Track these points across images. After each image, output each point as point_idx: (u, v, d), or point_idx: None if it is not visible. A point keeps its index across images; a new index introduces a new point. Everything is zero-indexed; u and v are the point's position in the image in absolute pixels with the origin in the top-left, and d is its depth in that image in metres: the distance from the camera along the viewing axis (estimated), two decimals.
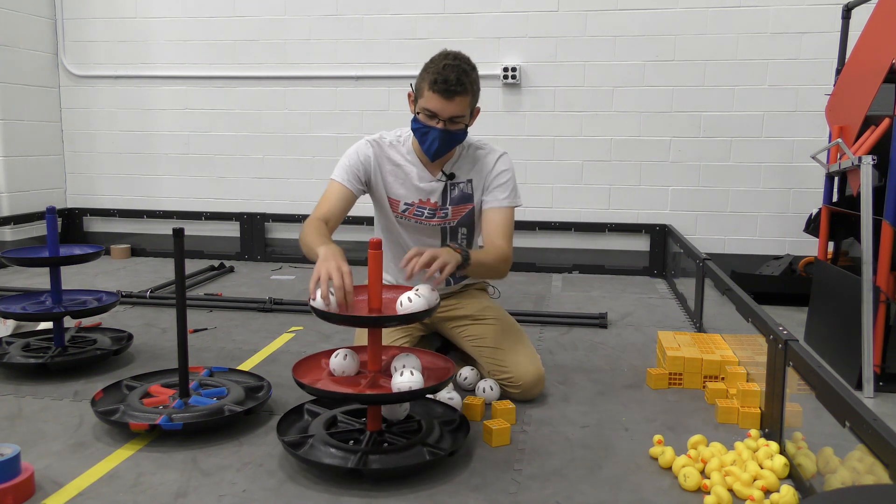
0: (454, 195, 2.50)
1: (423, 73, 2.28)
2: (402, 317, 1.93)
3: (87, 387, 2.55)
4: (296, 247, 5.16)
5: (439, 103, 2.24)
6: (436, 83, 2.22)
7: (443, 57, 2.26)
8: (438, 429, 2.05)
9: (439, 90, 2.22)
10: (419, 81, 2.31)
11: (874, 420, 1.43)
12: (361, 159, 2.46)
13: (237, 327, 3.39)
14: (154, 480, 1.89)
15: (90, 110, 5.32)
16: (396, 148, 2.49)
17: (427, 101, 2.26)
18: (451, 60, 2.24)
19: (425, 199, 2.49)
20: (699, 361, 2.60)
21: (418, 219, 2.51)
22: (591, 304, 3.95)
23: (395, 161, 2.48)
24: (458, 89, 2.23)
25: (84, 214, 5.41)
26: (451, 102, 2.24)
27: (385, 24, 4.83)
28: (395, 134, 2.53)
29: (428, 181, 2.47)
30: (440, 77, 2.21)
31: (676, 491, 1.86)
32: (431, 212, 2.50)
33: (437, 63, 2.24)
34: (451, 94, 2.22)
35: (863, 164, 2.71)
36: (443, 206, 2.50)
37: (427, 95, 2.26)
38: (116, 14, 5.17)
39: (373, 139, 2.51)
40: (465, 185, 2.50)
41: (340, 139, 5.01)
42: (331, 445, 1.93)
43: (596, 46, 4.62)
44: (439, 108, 2.25)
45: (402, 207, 2.50)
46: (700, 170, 4.62)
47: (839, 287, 3.01)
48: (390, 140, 2.51)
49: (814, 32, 4.37)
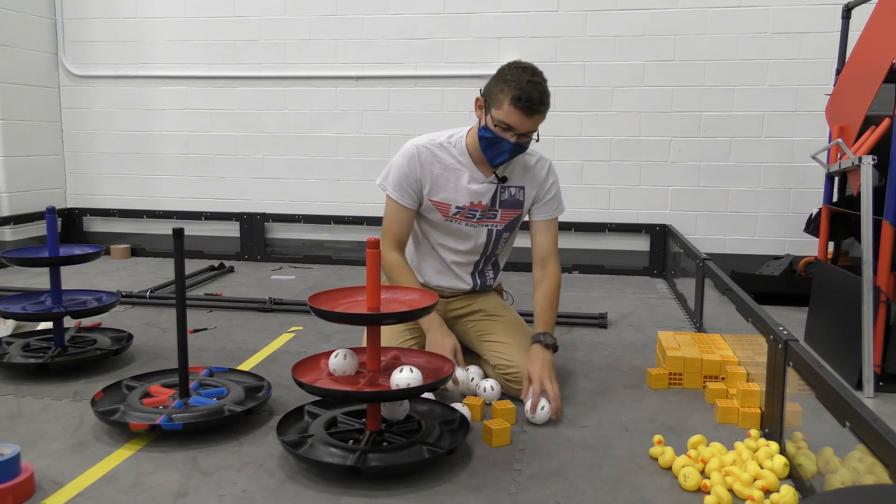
0: (504, 198, 2.51)
1: (501, 84, 2.25)
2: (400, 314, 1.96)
3: (87, 387, 2.55)
4: (296, 247, 5.17)
5: (519, 119, 2.24)
6: (519, 100, 2.21)
7: (522, 70, 2.24)
8: (438, 428, 2.05)
9: (522, 107, 2.21)
10: (495, 91, 2.26)
11: (874, 420, 1.43)
12: (411, 167, 2.45)
13: (237, 327, 3.39)
14: (154, 480, 1.89)
15: (90, 110, 5.31)
16: (448, 150, 2.47)
17: (506, 114, 2.24)
18: (531, 76, 2.23)
19: (476, 202, 2.49)
20: (699, 361, 2.60)
21: (469, 221, 2.52)
22: (591, 304, 3.95)
23: (446, 164, 2.46)
24: (540, 108, 2.24)
25: (84, 214, 5.41)
26: (531, 120, 2.25)
27: (385, 24, 4.83)
28: (446, 136, 2.50)
29: (480, 182, 2.47)
30: (524, 94, 2.20)
31: (676, 491, 1.86)
32: (482, 213, 2.52)
33: (519, 78, 2.22)
34: (533, 112, 2.23)
35: (863, 164, 2.71)
36: (492, 207, 2.51)
37: (507, 109, 2.23)
38: (116, 14, 5.17)
39: (422, 144, 2.47)
40: (517, 192, 2.52)
41: (340, 139, 5.01)
42: (330, 445, 1.93)
43: (596, 46, 4.62)
44: (518, 124, 2.25)
45: (454, 210, 2.50)
46: (700, 170, 4.62)
47: (839, 287, 3.01)
48: (440, 142, 2.48)
49: (814, 32, 4.37)
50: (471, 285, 2.67)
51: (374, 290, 1.95)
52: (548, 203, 2.55)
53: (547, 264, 2.53)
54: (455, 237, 2.56)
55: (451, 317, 2.66)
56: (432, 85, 4.83)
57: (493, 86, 2.29)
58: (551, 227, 2.56)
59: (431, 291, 2.13)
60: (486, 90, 2.32)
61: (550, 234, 2.55)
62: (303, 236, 5.18)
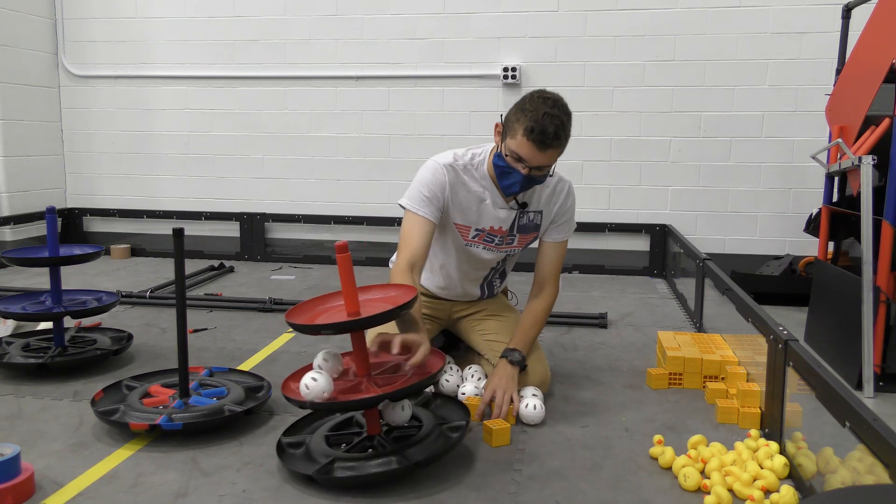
0: (522, 223, 2.45)
1: (519, 112, 2.14)
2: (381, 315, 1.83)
3: (87, 387, 2.55)
4: (296, 246, 5.17)
5: (531, 152, 2.13)
6: (532, 132, 2.09)
7: (542, 101, 2.13)
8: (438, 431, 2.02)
9: (535, 140, 2.10)
10: (512, 120, 2.16)
11: (874, 420, 1.43)
12: (438, 184, 2.32)
13: (237, 327, 3.39)
14: (154, 480, 1.89)
15: (90, 110, 5.31)
16: (471, 173, 2.37)
17: (519, 146, 2.14)
18: (550, 108, 2.11)
19: (497, 227, 2.43)
20: (699, 361, 2.60)
21: (488, 245, 2.47)
22: (591, 304, 3.95)
23: (470, 188, 2.37)
24: (553, 143, 2.12)
25: (84, 214, 5.41)
26: (544, 154, 2.14)
27: (385, 24, 4.83)
28: (469, 155, 2.39)
29: (501, 208, 2.40)
30: (538, 127, 2.09)
31: (676, 491, 1.86)
32: (500, 239, 2.47)
33: (537, 108, 2.11)
34: (545, 146, 2.12)
35: (863, 164, 2.71)
36: (511, 233, 2.45)
37: (520, 140, 2.12)
38: (116, 14, 5.17)
39: (448, 164, 2.34)
40: (535, 216, 2.46)
41: (340, 139, 5.01)
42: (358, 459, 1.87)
43: (596, 46, 4.62)
44: (529, 157, 2.14)
45: (473, 234, 2.44)
46: (700, 170, 4.62)
47: (839, 287, 3.01)
48: (464, 164, 2.37)
49: (814, 32, 4.37)
50: (478, 296, 2.67)
51: (352, 294, 1.90)
52: (562, 226, 2.50)
53: (546, 286, 2.49)
54: (469, 258, 2.51)
55: (455, 317, 2.66)
56: (432, 85, 4.83)
57: (512, 113, 2.18)
58: (560, 248, 2.51)
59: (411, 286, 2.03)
60: (506, 117, 2.21)
61: (557, 256, 2.50)
62: (303, 236, 5.18)
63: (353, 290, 1.91)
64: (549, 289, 2.49)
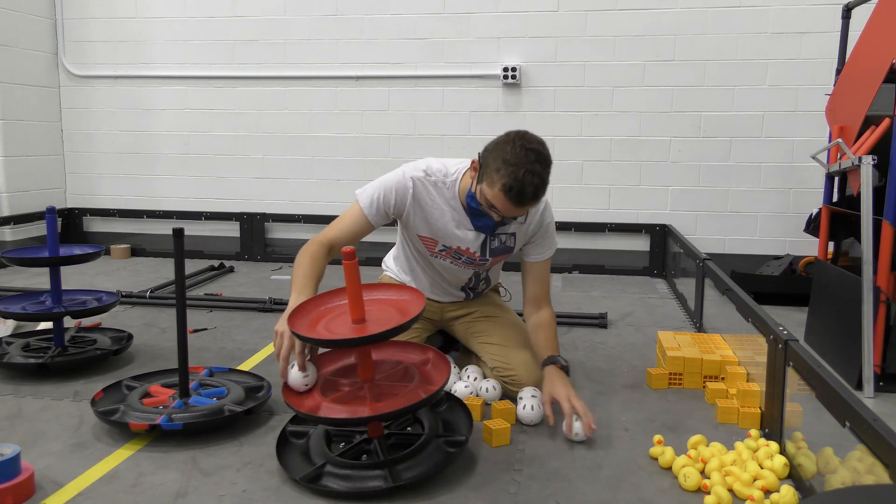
0: (494, 246, 2.39)
1: (499, 161, 2.03)
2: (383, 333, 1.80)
3: (87, 387, 2.55)
4: (296, 246, 5.15)
5: (506, 207, 2.07)
6: (510, 190, 2.02)
7: (524, 153, 2.02)
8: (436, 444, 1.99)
9: (513, 198, 2.03)
10: (491, 168, 2.05)
11: (874, 420, 1.43)
12: (398, 196, 2.27)
13: (237, 327, 3.39)
14: (154, 480, 1.89)
15: (90, 110, 5.31)
16: (441, 191, 2.29)
17: (494, 198, 2.06)
18: (531, 164, 2.01)
19: (464, 248, 2.38)
20: (699, 361, 2.60)
21: (455, 261, 2.44)
22: (591, 304, 3.95)
23: (436, 203, 2.30)
24: (531, 201, 2.07)
25: (84, 214, 5.41)
26: (520, 209, 2.10)
27: (385, 24, 4.83)
28: (443, 172, 2.30)
29: (468, 229, 2.33)
30: (517, 186, 2.01)
31: (676, 491, 1.86)
32: (469, 259, 2.42)
33: (518, 162, 2.01)
34: (522, 204, 2.06)
35: (863, 164, 2.71)
36: (483, 256, 2.41)
37: (496, 193, 2.05)
38: (116, 14, 5.17)
39: (418, 176, 2.28)
40: (508, 238, 2.39)
41: (340, 139, 5.01)
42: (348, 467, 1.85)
43: (596, 46, 4.62)
44: (504, 210, 2.09)
45: (440, 247, 2.40)
46: (700, 170, 4.62)
47: (839, 287, 3.01)
48: (436, 179, 2.29)
49: (814, 32, 4.37)
50: (463, 298, 2.66)
51: (357, 302, 1.86)
52: (541, 243, 2.42)
53: (542, 307, 2.45)
54: (441, 268, 2.50)
55: (448, 318, 2.66)
56: (432, 85, 4.83)
57: (491, 158, 2.07)
58: (545, 267, 2.45)
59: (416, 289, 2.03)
60: (484, 158, 2.11)
61: (544, 277, 2.45)
62: (303, 236, 5.17)
63: (360, 297, 1.87)
64: (546, 310, 2.45)
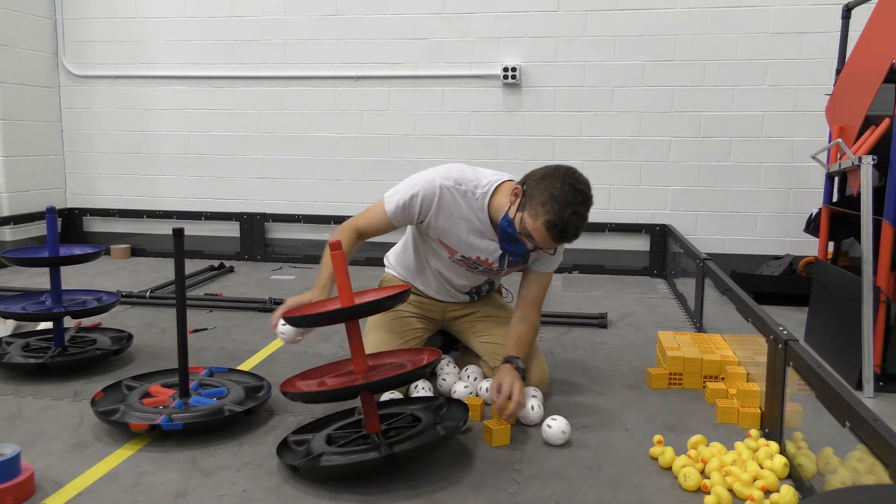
0: (511, 259, 2.41)
1: (546, 195, 2.09)
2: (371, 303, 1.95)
3: (87, 387, 2.55)
4: (296, 246, 5.17)
5: (546, 242, 2.15)
6: (555, 228, 2.08)
7: (573, 193, 2.08)
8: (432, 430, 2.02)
9: (555, 236, 2.11)
10: (537, 200, 2.10)
11: (874, 420, 1.43)
12: (424, 204, 2.30)
13: (237, 327, 3.39)
14: (154, 480, 1.89)
15: (90, 110, 5.31)
16: (470, 201, 2.32)
17: (535, 231, 2.12)
18: (578, 204, 2.08)
19: (483, 258, 2.42)
20: (699, 361, 2.60)
21: (473, 270, 2.49)
22: (591, 304, 3.95)
23: (463, 214, 2.33)
24: (571, 240, 2.15)
25: (84, 214, 5.41)
26: (558, 244, 2.20)
27: (385, 24, 4.83)
28: (474, 183, 2.32)
29: (490, 241, 2.37)
30: (561, 224, 2.08)
31: (676, 491, 1.86)
32: (486, 269, 2.47)
33: (566, 202, 2.07)
34: (562, 241, 2.15)
35: (863, 164, 2.71)
36: (500, 268, 2.45)
37: (538, 227, 2.10)
38: (116, 14, 5.17)
39: (447, 185, 2.29)
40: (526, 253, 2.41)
41: (340, 139, 5.01)
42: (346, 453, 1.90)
43: (596, 46, 4.62)
44: (542, 243, 2.16)
45: (459, 257, 2.44)
46: (700, 170, 4.62)
47: (839, 287, 3.01)
48: (466, 189, 2.31)
49: (814, 32, 4.37)
50: (468, 301, 2.67)
51: (346, 288, 1.93)
52: (550, 259, 2.43)
53: (529, 312, 2.43)
54: (455, 273, 2.53)
55: (450, 318, 2.66)
56: (432, 85, 4.83)
57: (537, 189, 2.12)
58: (546, 279, 2.46)
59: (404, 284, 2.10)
60: (529, 188, 2.15)
61: (542, 285, 2.46)
62: (303, 236, 5.18)
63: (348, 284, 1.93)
64: (533, 315, 2.43)
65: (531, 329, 2.42)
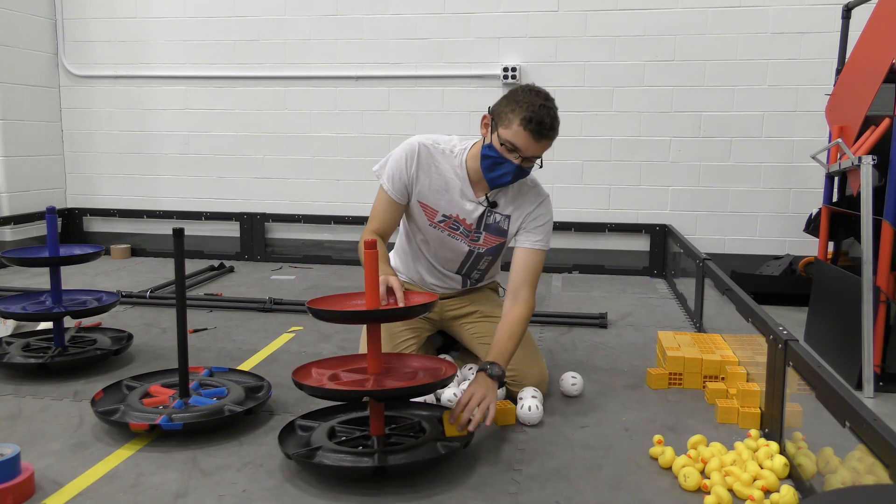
0: (489, 223, 2.45)
1: (512, 104, 2.19)
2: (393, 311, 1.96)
3: (87, 387, 2.55)
4: (296, 246, 5.18)
5: (526, 142, 2.18)
6: (530, 122, 2.15)
7: (535, 94, 2.19)
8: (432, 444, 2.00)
9: (532, 130, 2.16)
10: (506, 111, 2.20)
11: (874, 420, 1.43)
12: (408, 162, 2.39)
13: (237, 327, 3.39)
14: (154, 480, 1.89)
15: (90, 110, 5.32)
16: (448, 158, 2.41)
17: (514, 135, 2.18)
18: (544, 101, 2.18)
19: (462, 218, 2.44)
20: (699, 361, 2.60)
21: (452, 232, 2.47)
22: (591, 304, 3.95)
23: (441, 171, 2.40)
24: (549, 134, 2.20)
25: (84, 214, 5.41)
26: (538, 144, 2.20)
27: (385, 24, 4.83)
28: (451, 144, 2.43)
29: (469, 200, 2.41)
30: (536, 117, 2.15)
31: (676, 491, 1.86)
32: (466, 231, 2.47)
33: (531, 101, 2.17)
34: (542, 136, 2.18)
35: (863, 164, 2.71)
36: (477, 229, 2.46)
37: (516, 130, 2.17)
38: (116, 14, 5.17)
39: (425, 143, 2.41)
40: (503, 220, 2.44)
41: (340, 139, 5.01)
42: (341, 452, 1.90)
43: (596, 46, 4.62)
44: (524, 146, 2.19)
45: (440, 218, 2.45)
46: (700, 170, 4.62)
47: (839, 287, 3.01)
48: (444, 148, 2.42)
49: (814, 32, 4.37)
50: (461, 285, 2.66)
51: (374, 290, 1.93)
52: (532, 231, 2.42)
53: (519, 294, 2.35)
54: (437, 243, 2.52)
55: (448, 317, 2.66)
56: (432, 85, 4.83)
57: (503, 105, 2.23)
58: (532, 256, 2.41)
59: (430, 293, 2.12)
60: (495, 109, 2.25)
61: (529, 264, 2.40)
62: (303, 236, 5.18)
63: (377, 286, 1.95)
64: (522, 298, 2.34)
65: (521, 316, 2.31)
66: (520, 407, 2.26)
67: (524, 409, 2.24)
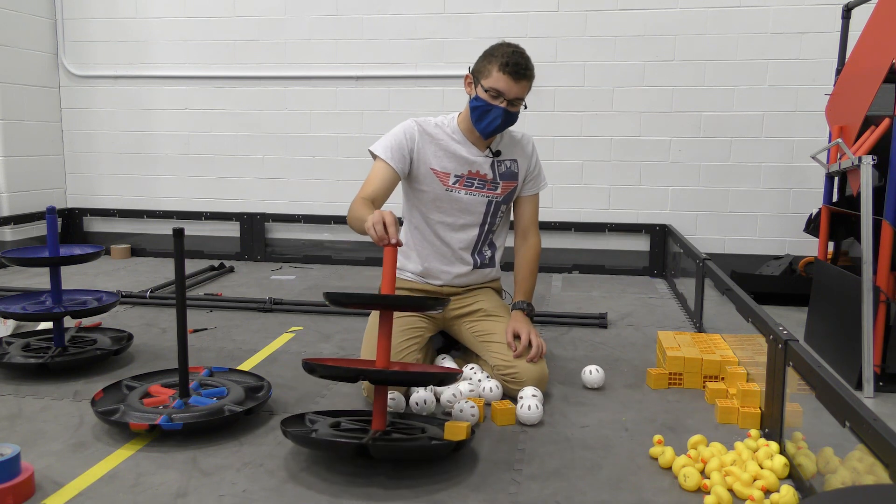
0: (502, 171, 2.63)
1: (489, 57, 2.43)
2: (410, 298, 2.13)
3: (87, 387, 2.55)
4: (296, 246, 5.18)
5: (507, 84, 2.40)
6: (507, 65, 2.38)
7: (506, 45, 2.45)
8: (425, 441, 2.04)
9: (511, 72, 2.39)
10: (484, 64, 2.44)
11: (874, 420, 1.43)
12: (407, 136, 2.54)
13: (237, 327, 3.39)
14: (154, 480, 1.89)
15: (90, 110, 5.31)
16: (441, 128, 2.59)
17: (495, 81, 2.40)
18: (515, 48, 2.44)
19: (475, 171, 2.59)
20: (699, 361, 2.60)
21: (469, 189, 2.60)
22: (591, 304, 3.95)
23: (439, 139, 2.57)
24: (526, 73, 2.43)
25: (84, 214, 5.41)
26: (519, 84, 2.42)
27: (385, 24, 4.83)
28: (437, 119, 2.62)
29: (476, 155, 2.58)
30: (511, 60, 2.39)
31: (676, 491, 1.86)
32: (482, 183, 2.61)
33: (504, 50, 2.42)
34: (520, 76, 2.41)
35: (863, 164, 2.71)
36: (494, 179, 2.62)
37: (496, 76, 2.40)
38: (116, 14, 5.17)
39: (420, 121, 2.59)
40: (512, 164, 2.65)
41: (340, 139, 5.01)
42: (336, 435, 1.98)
43: (596, 46, 4.62)
44: (507, 89, 2.40)
45: (453, 179, 2.58)
46: (700, 170, 4.62)
47: (839, 287, 3.01)
48: (436, 122, 2.60)
49: (814, 32, 4.37)
50: (471, 264, 2.68)
51: (390, 279, 2.01)
52: (535, 178, 2.72)
53: (528, 235, 2.72)
54: (455, 209, 2.59)
55: (451, 317, 2.67)
56: (432, 85, 4.83)
57: (480, 61, 2.47)
58: (534, 200, 2.75)
59: None
60: (475, 67, 2.49)
61: (533, 207, 2.74)
62: (303, 236, 5.18)
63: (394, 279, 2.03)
64: (532, 236, 2.73)
65: (534, 253, 2.72)
66: (520, 407, 2.26)
67: (524, 408, 2.25)
